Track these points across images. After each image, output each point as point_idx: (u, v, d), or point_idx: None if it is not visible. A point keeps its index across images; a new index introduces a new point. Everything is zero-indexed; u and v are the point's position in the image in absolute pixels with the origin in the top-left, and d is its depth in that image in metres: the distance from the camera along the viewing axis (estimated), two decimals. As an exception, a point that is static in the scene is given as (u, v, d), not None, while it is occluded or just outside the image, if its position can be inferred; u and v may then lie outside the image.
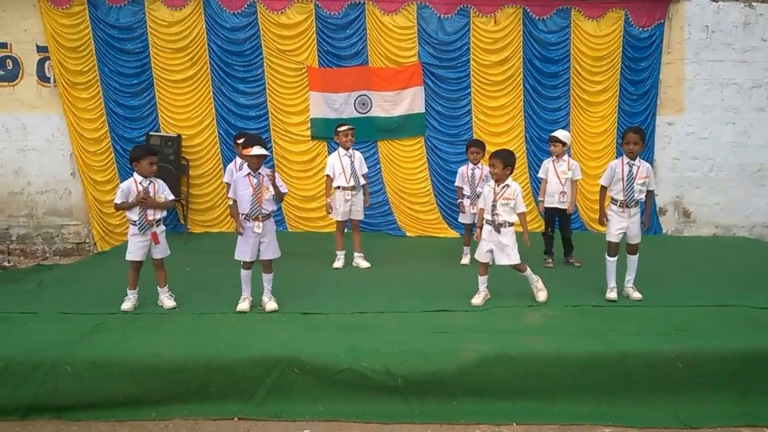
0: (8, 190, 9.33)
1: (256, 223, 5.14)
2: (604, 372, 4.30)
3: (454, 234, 9.05)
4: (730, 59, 9.53)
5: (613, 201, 5.61)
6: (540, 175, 7.19)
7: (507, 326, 4.82)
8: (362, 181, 7.06)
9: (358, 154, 7.12)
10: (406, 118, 9.36)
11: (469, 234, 7.17)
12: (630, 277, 5.67)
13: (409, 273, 6.78)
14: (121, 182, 7.31)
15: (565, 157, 7.01)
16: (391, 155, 9.50)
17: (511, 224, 5.31)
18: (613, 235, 5.59)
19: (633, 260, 5.64)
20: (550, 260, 7.12)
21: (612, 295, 5.59)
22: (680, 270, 7.01)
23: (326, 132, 9.02)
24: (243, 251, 5.20)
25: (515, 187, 5.32)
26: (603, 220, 5.74)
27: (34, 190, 9.37)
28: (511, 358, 4.29)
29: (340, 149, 7.01)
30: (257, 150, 5.04)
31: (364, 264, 7.00)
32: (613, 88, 9.46)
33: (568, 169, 6.91)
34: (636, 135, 5.47)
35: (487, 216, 5.36)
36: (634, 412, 4.20)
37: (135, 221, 5.18)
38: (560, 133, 7.04)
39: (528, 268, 5.50)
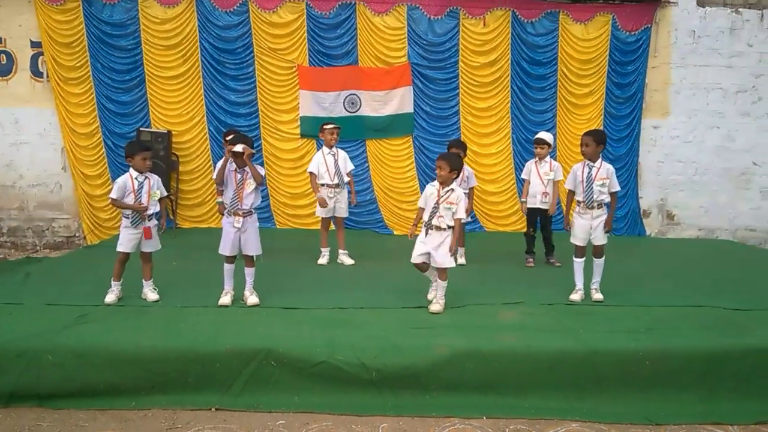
0: (0, 183, 9.42)
1: (236, 218, 5.24)
2: (574, 369, 4.41)
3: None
4: (716, 64, 9.66)
5: (577, 203, 5.68)
6: (523, 176, 7.31)
7: (482, 323, 4.92)
8: (346, 179, 7.17)
9: (342, 153, 7.24)
10: (394, 118, 9.46)
11: None
12: (596, 279, 5.68)
13: (392, 270, 6.85)
14: (112, 177, 7.43)
15: (548, 158, 7.11)
16: (379, 154, 9.60)
17: (450, 227, 5.20)
18: (577, 238, 5.65)
19: (599, 263, 5.66)
20: (531, 260, 7.24)
21: (575, 296, 5.61)
22: (660, 271, 7.12)
23: (315, 130, 9.04)
24: (224, 246, 5.32)
25: (459, 192, 5.23)
26: (566, 225, 5.86)
27: (25, 184, 9.46)
28: (483, 353, 4.40)
29: (324, 148, 7.14)
30: (238, 147, 5.15)
31: (349, 261, 7.10)
32: (600, 91, 9.57)
33: (550, 170, 7.02)
34: (587, 137, 5.57)
35: (426, 218, 5.25)
36: (601, 408, 4.31)
37: (128, 215, 5.30)
38: (546, 135, 7.16)
39: (447, 281, 5.33)
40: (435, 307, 5.22)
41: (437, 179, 5.26)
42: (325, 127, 7.16)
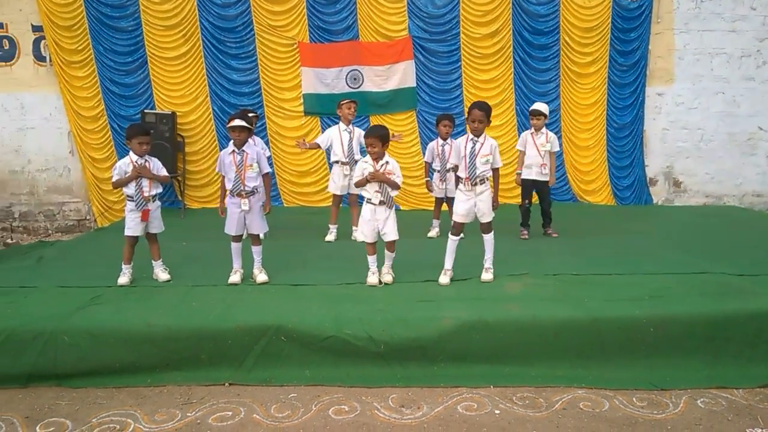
0: (9, 168, 9.53)
1: (242, 200, 5.30)
2: (578, 337, 4.46)
3: (445, 207, 9.19)
4: (719, 29, 9.59)
5: (459, 179, 5.38)
6: (518, 147, 7.27)
7: (487, 294, 4.99)
8: (357, 157, 7.18)
9: (357, 130, 7.21)
10: (397, 93, 9.47)
11: (439, 208, 7.44)
12: (488, 256, 5.45)
13: (400, 245, 6.88)
14: (119, 159, 7.50)
15: (544, 129, 7.08)
16: (383, 130, 9.60)
17: (392, 199, 5.31)
18: (458, 215, 5.37)
19: (488, 239, 5.42)
20: (525, 232, 7.20)
21: (444, 279, 5.34)
22: (664, 239, 7.14)
23: (318, 107, 9.20)
24: (230, 226, 5.38)
25: (394, 163, 5.25)
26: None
27: (34, 169, 9.56)
28: (488, 324, 4.46)
29: (341, 124, 7.15)
30: (237, 122, 5.20)
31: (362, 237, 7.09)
32: (603, 59, 9.52)
33: (547, 141, 7.01)
34: (480, 112, 5.22)
35: (368, 195, 5.27)
36: (607, 375, 4.36)
37: (131, 196, 5.34)
38: (542, 106, 7.11)
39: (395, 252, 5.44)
40: (388, 278, 5.36)
41: (371, 156, 5.24)
42: (341, 102, 7.18)
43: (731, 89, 9.74)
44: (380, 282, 5.34)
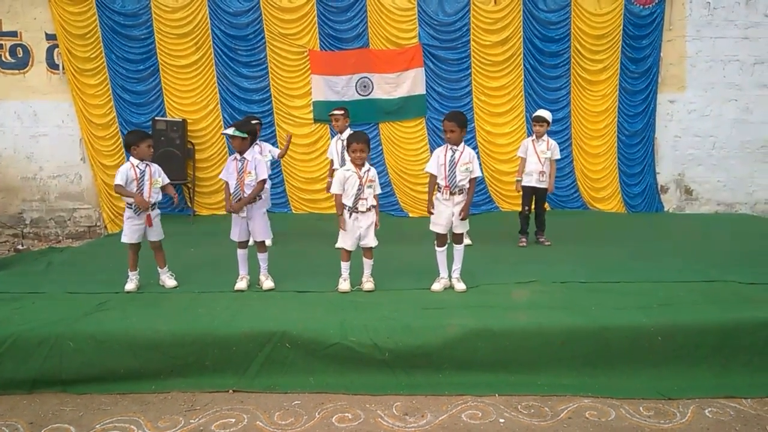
0: (21, 175, 9.62)
1: None
2: (585, 345, 4.41)
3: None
4: (732, 36, 9.54)
5: (439, 189, 5.33)
6: (519, 154, 7.25)
7: (494, 302, 4.95)
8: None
9: None
10: (407, 100, 9.49)
11: None
12: (456, 267, 5.40)
13: (407, 252, 6.89)
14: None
15: (545, 136, 7.07)
16: (392, 137, 9.62)
17: (373, 206, 5.31)
18: (439, 225, 5.36)
19: (459, 249, 5.38)
20: (524, 239, 7.19)
21: (437, 286, 5.36)
22: (674, 247, 7.10)
23: (328, 115, 9.17)
24: (233, 232, 5.41)
25: (373, 170, 5.32)
26: (430, 209, 5.43)
27: (46, 175, 9.65)
28: (494, 332, 4.42)
29: (338, 134, 7.19)
30: (230, 131, 5.24)
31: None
32: (614, 66, 9.50)
33: (547, 149, 6.99)
34: (450, 123, 5.24)
35: (348, 203, 5.26)
36: (614, 384, 4.30)
37: (131, 204, 5.33)
38: (545, 113, 7.11)
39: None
40: (368, 285, 5.34)
41: (356, 162, 5.24)
42: (329, 114, 7.23)
43: (744, 96, 9.67)
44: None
